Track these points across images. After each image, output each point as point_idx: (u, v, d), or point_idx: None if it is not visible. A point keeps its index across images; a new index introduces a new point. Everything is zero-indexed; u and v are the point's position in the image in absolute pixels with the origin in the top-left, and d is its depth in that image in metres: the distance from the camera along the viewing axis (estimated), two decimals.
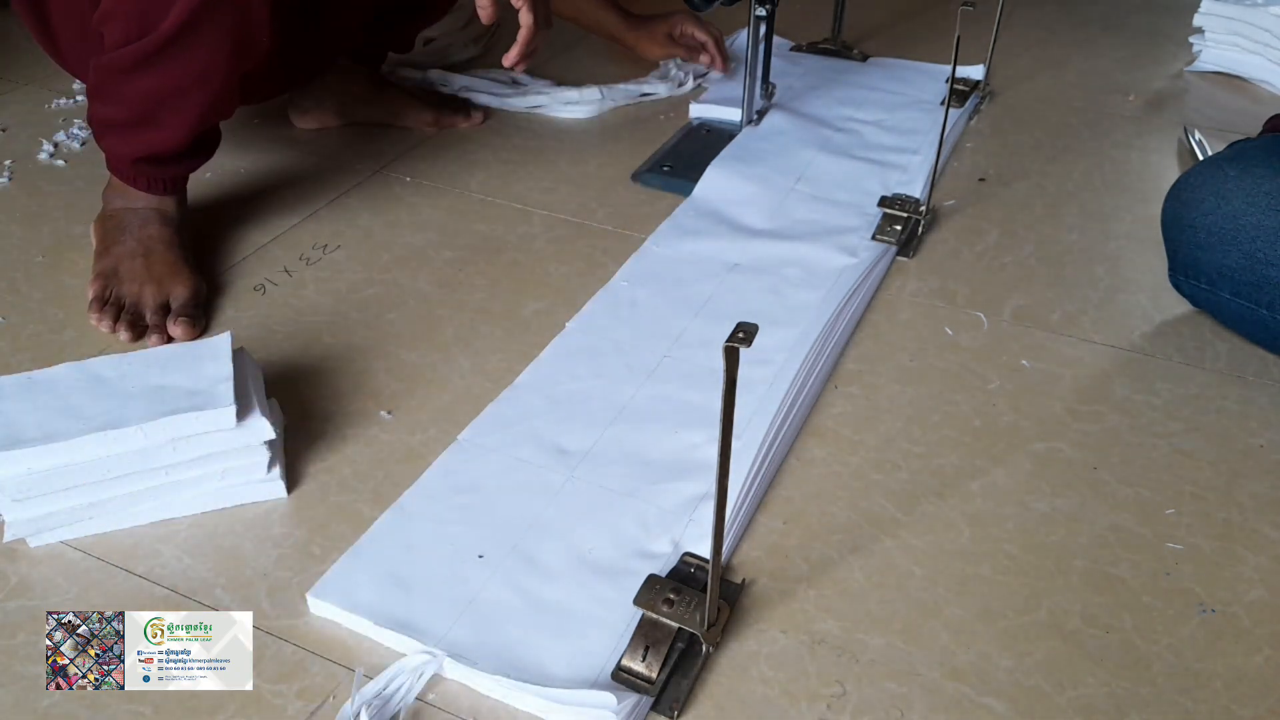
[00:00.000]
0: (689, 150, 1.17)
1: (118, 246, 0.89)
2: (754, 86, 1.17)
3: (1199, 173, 0.85)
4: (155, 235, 0.90)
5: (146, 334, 0.84)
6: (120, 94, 0.85)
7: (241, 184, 1.08)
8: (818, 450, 0.74)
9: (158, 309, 0.86)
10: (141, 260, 0.88)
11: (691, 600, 0.58)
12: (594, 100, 1.25)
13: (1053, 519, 0.68)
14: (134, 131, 0.87)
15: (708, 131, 1.21)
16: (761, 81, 1.20)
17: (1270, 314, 0.80)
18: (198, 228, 0.99)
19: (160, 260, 0.88)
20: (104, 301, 0.86)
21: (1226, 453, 0.74)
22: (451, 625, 0.59)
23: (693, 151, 1.16)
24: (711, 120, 1.24)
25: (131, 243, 0.89)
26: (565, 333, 0.85)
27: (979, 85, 1.30)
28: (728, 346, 0.44)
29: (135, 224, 0.90)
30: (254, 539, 0.66)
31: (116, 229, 0.90)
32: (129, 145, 0.88)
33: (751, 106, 1.18)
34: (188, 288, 0.87)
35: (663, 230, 0.99)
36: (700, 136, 1.20)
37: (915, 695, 0.57)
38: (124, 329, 0.84)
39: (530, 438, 0.73)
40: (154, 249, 0.89)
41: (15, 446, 0.61)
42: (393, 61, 1.31)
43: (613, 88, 1.27)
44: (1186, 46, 1.43)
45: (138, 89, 0.84)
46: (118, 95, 0.85)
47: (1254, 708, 0.57)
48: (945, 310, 0.89)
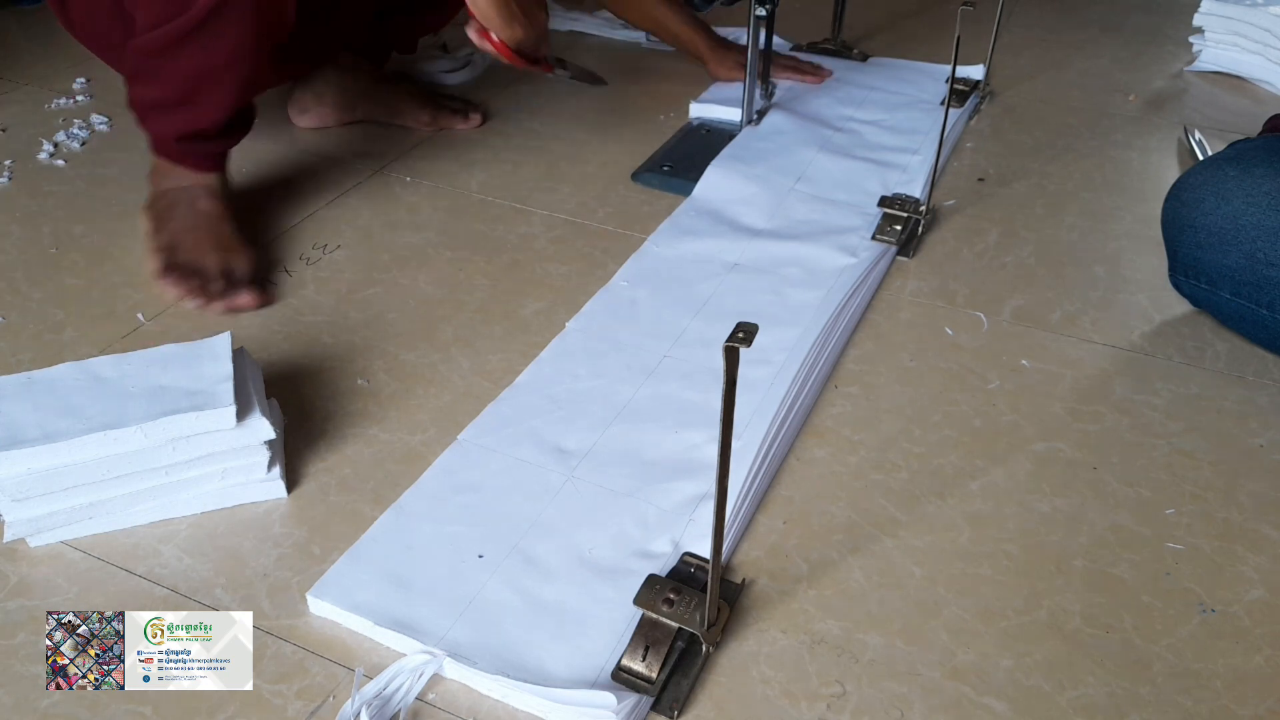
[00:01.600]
0: (688, 150, 1.17)
1: (173, 223, 0.91)
2: (754, 87, 1.17)
3: (1199, 173, 0.85)
4: (207, 210, 0.92)
5: (211, 301, 0.88)
6: (158, 74, 0.87)
7: (241, 184, 1.08)
8: (818, 450, 0.74)
9: (220, 277, 0.89)
10: (198, 234, 0.91)
11: (691, 600, 0.58)
12: None
13: (1053, 519, 0.68)
14: (175, 111, 0.89)
15: (707, 131, 1.21)
16: (762, 81, 1.19)
17: (1270, 314, 0.80)
18: None
19: (215, 233, 0.91)
20: (171, 268, 0.89)
21: (1226, 453, 0.74)
22: (451, 625, 0.59)
23: (692, 152, 1.16)
24: (711, 120, 1.24)
25: (186, 218, 0.92)
26: (565, 333, 0.85)
27: (979, 85, 1.30)
28: (728, 346, 0.44)
29: (185, 201, 0.92)
30: (254, 539, 0.66)
31: (168, 208, 0.92)
32: (172, 124, 0.90)
33: (751, 106, 1.18)
34: (247, 259, 0.91)
35: (663, 230, 0.99)
36: (700, 137, 1.20)
37: (915, 695, 0.57)
38: (195, 294, 0.87)
39: (530, 438, 0.73)
40: (207, 223, 0.92)
41: (15, 446, 0.61)
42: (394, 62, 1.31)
43: None
44: (1186, 46, 1.43)
45: (176, 69, 0.86)
46: (156, 76, 0.87)
47: (1254, 708, 0.57)
48: (945, 310, 0.89)
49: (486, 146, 1.17)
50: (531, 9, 0.91)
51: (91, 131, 1.19)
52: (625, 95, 1.31)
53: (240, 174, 1.10)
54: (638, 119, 1.25)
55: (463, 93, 1.30)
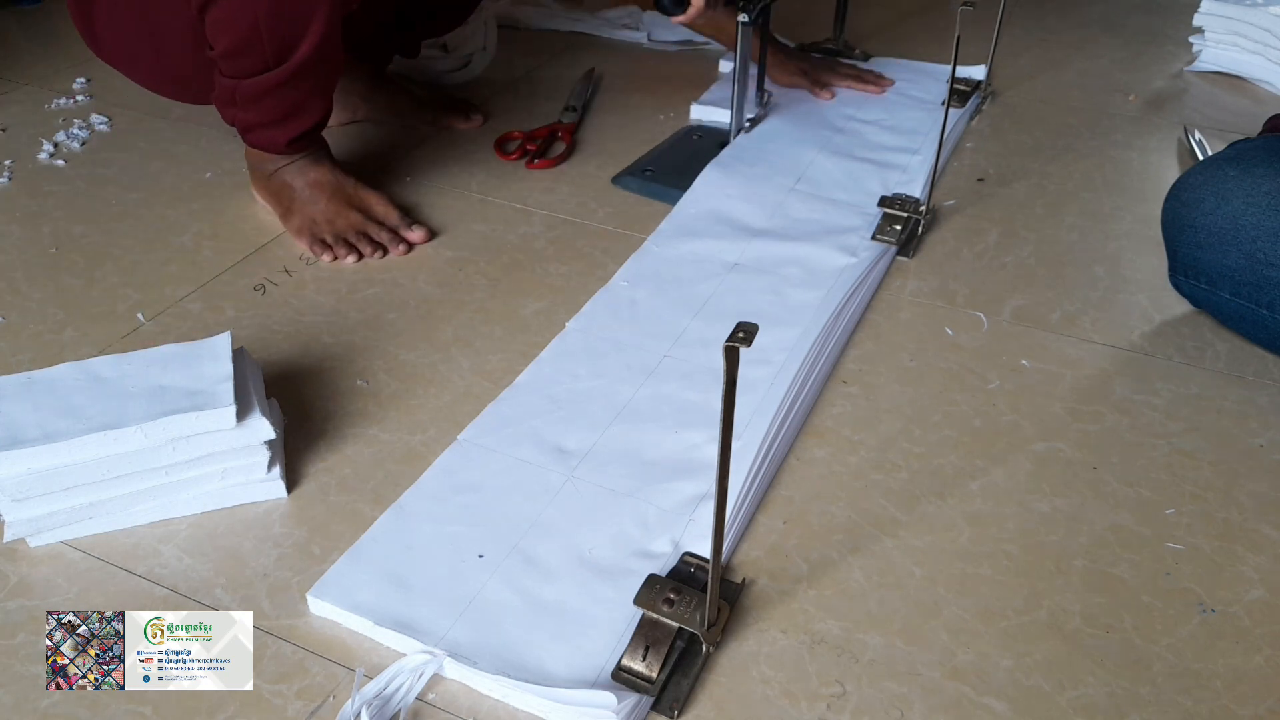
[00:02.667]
0: (676, 155, 1.14)
1: (296, 201, 0.98)
2: (743, 95, 1.13)
3: (1199, 173, 0.85)
4: (320, 178, 0.98)
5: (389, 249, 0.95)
6: (260, 106, 0.91)
7: (241, 184, 1.08)
8: (818, 450, 0.74)
9: (380, 227, 0.96)
10: (329, 201, 0.98)
11: (692, 600, 0.58)
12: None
13: (1053, 519, 0.68)
14: (281, 126, 0.94)
15: (699, 136, 1.19)
16: (757, 89, 1.17)
17: (1270, 314, 0.80)
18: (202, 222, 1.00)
19: (343, 194, 0.98)
20: (324, 243, 0.95)
21: (1226, 453, 0.74)
22: (451, 625, 0.59)
23: (679, 157, 1.13)
24: (709, 124, 1.23)
25: (306, 191, 0.98)
26: (565, 333, 0.85)
27: (980, 85, 1.30)
28: (728, 346, 0.44)
29: (297, 175, 0.98)
30: (254, 539, 0.66)
31: (283, 187, 0.99)
32: (279, 135, 0.95)
33: (741, 115, 1.15)
34: (384, 203, 0.98)
35: (662, 230, 0.99)
36: (691, 142, 1.18)
37: (915, 695, 0.57)
38: (365, 249, 0.94)
39: (530, 438, 0.73)
40: (330, 188, 0.98)
41: (15, 446, 0.61)
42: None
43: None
44: (1186, 46, 1.43)
45: (277, 101, 0.91)
46: (257, 107, 0.92)
47: (1254, 708, 0.57)
48: (945, 310, 0.89)
49: (486, 146, 1.17)
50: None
51: (91, 131, 1.19)
52: (626, 95, 1.31)
53: (240, 174, 1.10)
54: (638, 119, 1.25)
55: (463, 93, 1.30)
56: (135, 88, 1.06)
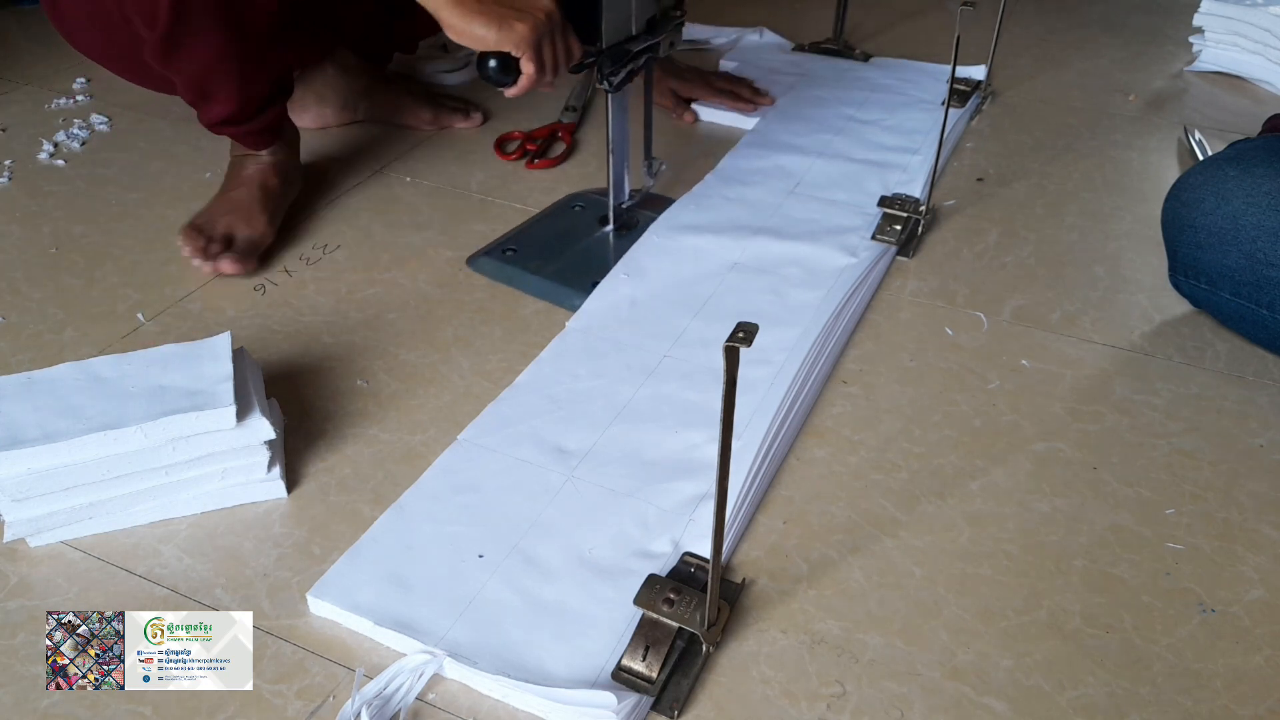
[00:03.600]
0: (545, 231, 1.00)
1: (222, 189, 1.00)
2: (620, 169, 0.96)
3: (1199, 173, 0.85)
4: (246, 178, 0.99)
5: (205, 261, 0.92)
6: (175, 79, 0.93)
7: None
8: (818, 450, 0.74)
9: (220, 240, 0.93)
10: (228, 200, 0.98)
11: (692, 600, 0.58)
12: None
13: (1053, 519, 0.68)
14: (201, 105, 0.95)
15: (580, 208, 1.04)
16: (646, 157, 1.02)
17: (1270, 314, 0.80)
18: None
19: (241, 200, 0.98)
20: (189, 228, 0.94)
21: (1226, 453, 0.74)
22: (451, 625, 0.59)
23: (548, 234, 0.99)
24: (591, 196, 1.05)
25: (228, 186, 1.00)
26: (565, 332, 0.85)
27: (980, 85, 1.30)
28: (728, 346, 0.44)
29: (237, 169, 1.01)
30: (254, 539, 0.66)
31: (228, 176, 1.01)
32: (206, 115, 0.96)
33: (621, 191, 0.98)
34: (251, 229, 0.96)
35: (662, 229, 0.99)
36: (569, 215, 1.03)
37: (915, 695, 0.57)
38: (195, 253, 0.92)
39: (530, 438, 0.73)
40: (240, 191, 0.98)
41: (15, 446, 0.61)
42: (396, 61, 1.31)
43: None
44: (1186, 46, 1.43)
45: (181, 75, 0.92)
46: (173, 80, 0.94)
47: (1254, 708, 0.57)
48: (945, 310, 0.89)
49: (486, 146, 1.17)
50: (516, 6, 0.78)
51: (91, 131, 1.19)
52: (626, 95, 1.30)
53: None
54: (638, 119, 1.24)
55: (463, 93, 1.30)
56: (135, 88, 1.06)
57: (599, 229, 1.00)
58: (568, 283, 0.91)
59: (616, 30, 0.85)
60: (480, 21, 0.76)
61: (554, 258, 0.95)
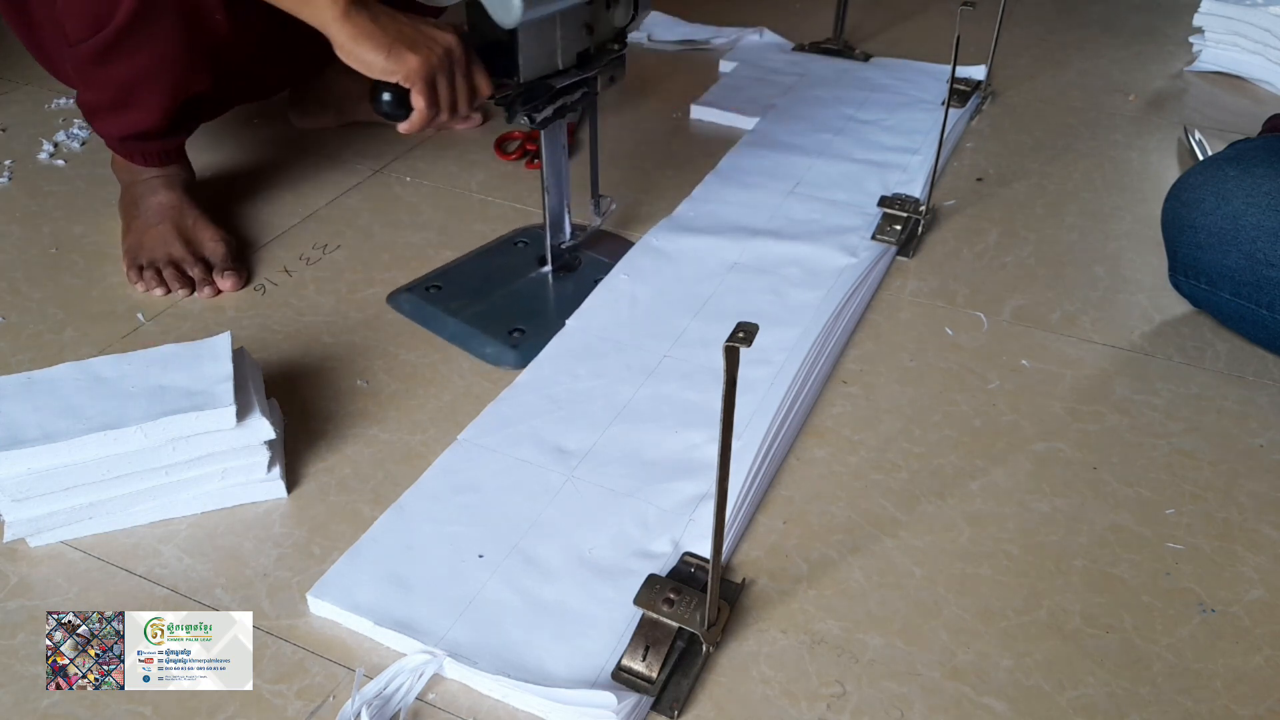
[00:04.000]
0: (477, 270, 0.94)
1: (137, 220, 0.94)
2: (559, 208, 0.91)
3: (1199, 173, 0.85)
4: (166, 201, 0.95)
5: (196, 288, 0.90)
6: (95, 81, 0.88)
7: (241, 184, 1.08)
8: (818, 450, 0.74)
9: (196, 263, 0.91)
10: (160, 226, 0.93)
11: (692, 600, 0.58)
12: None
13: (1053, 519, 0.68)
14: (115, 114, 0.90)
15: (524, 245, 0.98)
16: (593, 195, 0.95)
17: (1270, 314, 0.80)
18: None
19: (177, 223, 0.94)
20: (140, 269, 0.91)
21: (1226, 453, 0.74)
22: (451, 625, 0.59)
23: (480, 273, 0.93)
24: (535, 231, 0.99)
25: (148, 213, 0.94)
26: (565, 332, 0.85)
27: (980, 85, 1.30)
28: (728, 346, 0.44)
29: (146, 195, 0.95)
30: (254, 539, 0.66)
31: (131, 205, 0.96)
32: (114, 126, 0.92)
33: (560, 232, 0.93)
34: (217, 240, 0.93)
35: (662, 229, 0.99)
36: (508, 252, 0.97)
37: (915, 695, 0.57)
38: (173, 284, 0.90)
39: (530, 438, 0.73)
40: (169, 213, 0.94)
41: (15, 446, 0.61)
42: None
43: None
44: (1186, 46, 1.43)
45: (109, 76, 0.87)
46: (93, 82, 0.89)
47: (1254, 708, 0.57)
48: (945, 310, 0.89)
49: (486, 146, 1.17)
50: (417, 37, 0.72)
51: (91, 131, 1.19)
52: (627, 95, 1.31)
53: (239, 174, 1.10)
54: (638, 119, 1.25)
55: None
56: None
57: (536, 269, 0.93)
58: (484, 328, 0.84)
59: (538, 65, 0.78)
60: (369, 46, 0.69)
61: (478, 299, 0.88)
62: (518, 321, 0.86)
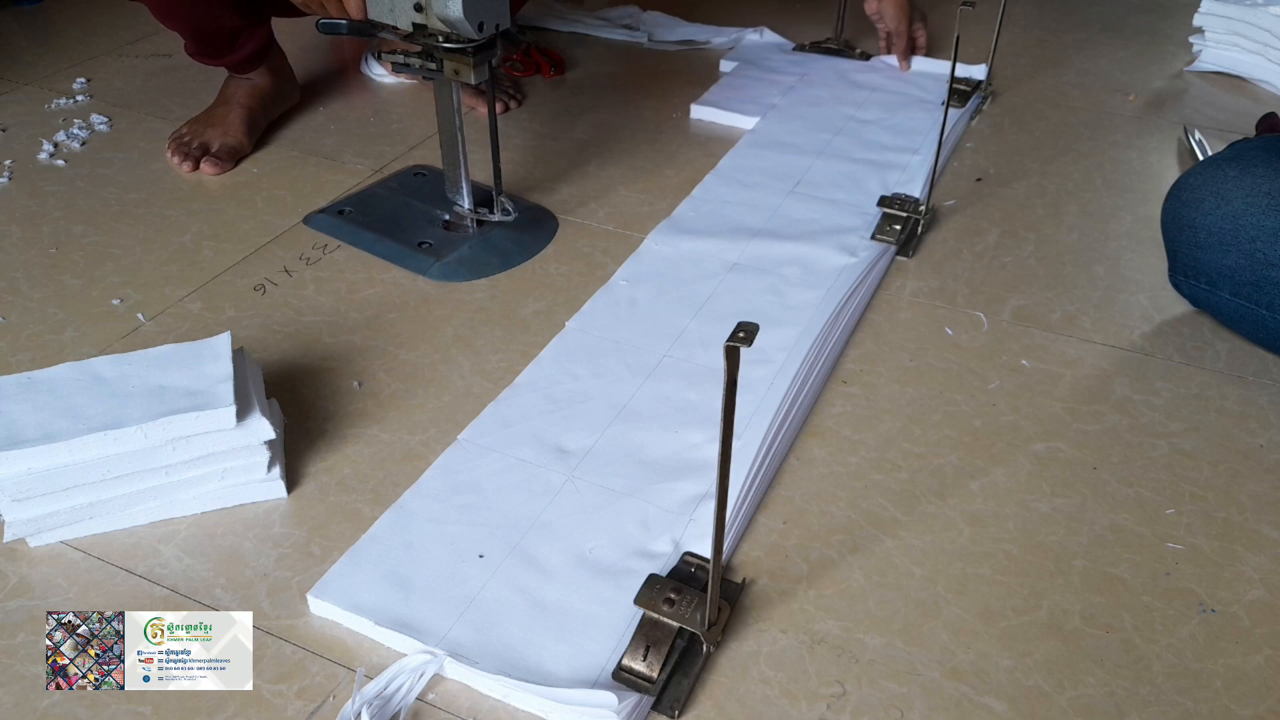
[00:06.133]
0: (380, 200, 1.04)
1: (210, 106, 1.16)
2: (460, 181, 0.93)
3: (1199, 173, 0.85)
4: (229, 95, 1.15)
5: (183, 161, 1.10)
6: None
7: (241, 183, 1.08)
8: (818, 450, 0.74)
9: (200, 146, 1.10)
10: (210, 113, 1.15)
11: (692, 600, 0.59)
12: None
13: (1053, 519, 0.68)
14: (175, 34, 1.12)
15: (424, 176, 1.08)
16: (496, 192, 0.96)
17: (1270, 314, 0.80)
18: (202, 222, 1.00)
19: (219, 113, 1.14)
20: (178, 137, 1.12)
21: (1226, 453, 0.74)
22: (452, 625, 0.59)
23: (384, 202, 1.03)
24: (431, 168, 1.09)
25: (216, 102, 1.16)
26: (565, 332, 0.85)
27: (980, 85, 1.30)
28: (728, 346, 0.44)
29: (225, 87, 1.17)
30: (254, 539, 0.66)
31: (220, 90, 1.17)
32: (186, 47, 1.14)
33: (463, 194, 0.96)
34: (228, 135, 1.12)
35: (662, 229, 0.99)
36: (410, 181, 1.07)
37: (915, 695, 0.57)
38: (179, 154, 1.10)
39: (530, 438, 0.73)
40: (220, 106, 1.15)
41: (15, 446, 0.61)
42: None
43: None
44: (1186, 46, 1.43)
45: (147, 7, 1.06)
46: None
47: (1254, 708, 0.57)
48: (945, 310, 0.89)
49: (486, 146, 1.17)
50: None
51: (91, 131, 1.19)
52: (627, 95, 1.31)
53: (239, 173, 1.10)
54: (639, 119, 1.25)
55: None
56: (135, 88, 1.06)
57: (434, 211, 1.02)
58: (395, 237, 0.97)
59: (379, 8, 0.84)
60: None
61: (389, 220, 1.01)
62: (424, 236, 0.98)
